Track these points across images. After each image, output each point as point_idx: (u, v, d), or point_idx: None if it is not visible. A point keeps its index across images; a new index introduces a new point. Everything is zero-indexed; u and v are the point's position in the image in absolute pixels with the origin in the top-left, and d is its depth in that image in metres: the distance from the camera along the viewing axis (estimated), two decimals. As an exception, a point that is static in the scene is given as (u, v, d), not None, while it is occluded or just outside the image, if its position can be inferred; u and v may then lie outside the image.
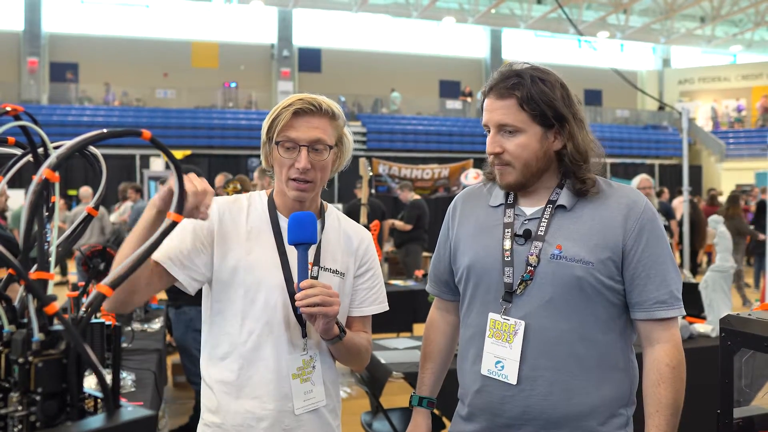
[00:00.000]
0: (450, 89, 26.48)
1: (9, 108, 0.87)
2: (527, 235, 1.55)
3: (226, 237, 1.61)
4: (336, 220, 1.75)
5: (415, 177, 12.11)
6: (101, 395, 0.88)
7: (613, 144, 23.28)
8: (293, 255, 1.58)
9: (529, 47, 26.74)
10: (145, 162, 17.61)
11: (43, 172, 0.84)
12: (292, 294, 1.58)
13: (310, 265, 1.60)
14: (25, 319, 0.86)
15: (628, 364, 1.58)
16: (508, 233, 1.57)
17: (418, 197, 9.25)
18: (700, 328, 3.78)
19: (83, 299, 2.66)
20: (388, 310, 1.78)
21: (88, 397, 0.87)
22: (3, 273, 0.89)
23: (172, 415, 4.59)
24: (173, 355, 5.38)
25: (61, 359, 0.83)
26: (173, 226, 1.01)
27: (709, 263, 10.95)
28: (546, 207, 1.57)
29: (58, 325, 0.86)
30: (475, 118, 23.63)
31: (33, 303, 0.83)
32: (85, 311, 0.90)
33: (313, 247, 1.61)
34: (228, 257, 1.59)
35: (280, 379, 1.59)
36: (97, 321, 0.93)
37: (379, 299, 1.76)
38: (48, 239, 0.91)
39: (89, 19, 23.26)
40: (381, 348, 3.63)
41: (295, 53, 25.24)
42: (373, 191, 9.50)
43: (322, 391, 1.65)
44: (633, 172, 22.81)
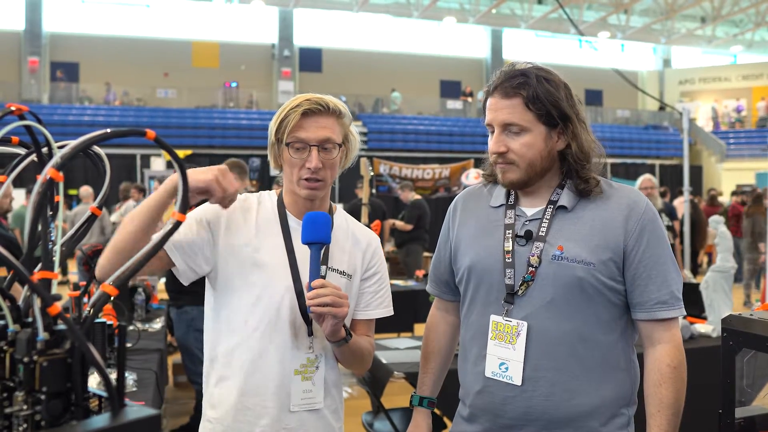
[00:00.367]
0: (451, 89, 26.48)
1: (14, 108, 0.87)
2: (528, 236, 1.55)
3: (234, 233, 1.61)
4: (344, 221, 1.76)
5: (416, 177, 12.12)
6: (105, 394, 0.88)
7: (614, 144, 23.28)
8: (301, 254, 1.58)
9: (530, 47, 26.73)
10: (146, 162, 17.60)
11: (48, 171, 0.84)
12: (299, 293, 1.58)
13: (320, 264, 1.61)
14: (30, 318, 0.87)
15: (629, 364, 1.58)
16: (509, 234, 1.57)
17: (418, 197, 9.25)
18: (700, 328, 3.78)
19: (84, 299, 2.66)
20: (392, 314, 1.78)
21: (92, 397, 0.88)
22: (5, 272, 0.90)
23: (172, 415, 4.59)
24: (174, 355, 5.38)
25: (66, 358, 0.83)
26: (177, 225, 1.02)
27: (710, 263, 10.94)
28: (547, 207, 1.57)
29: (63, 325, 0.86)
30: (476, 118, 23.64)
31: (37, 302, 0.83)
32: (90, 311, 0.90)
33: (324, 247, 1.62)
34: (235, 254, 1.60)
35: (283, 378, 1.59)
36: (99, 320, 0.94)
37: (385, 303, 1.76)
38: (52, 238, 0.91)
39: (90, 19, 23.27)
40: (382, 348, 3.63)
41: (296, 53, 25.24)
42: (374, 191, 9.50)
43: (321, 393, 1.65)
44: (633, 172, 22.84)
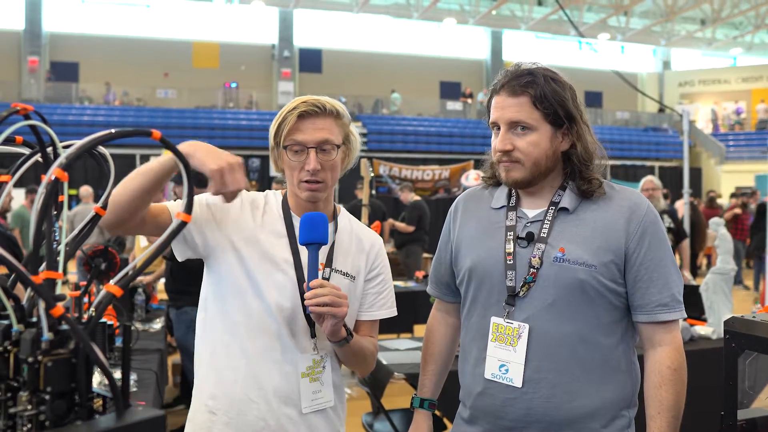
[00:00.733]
0: (450, 90, 26.49)
1: (19, 107, 0.87)
2: (530, 238, 1.55)
3: (241, 228, 1.61)
4: (348, 222, 1.75)
5: (416, 178, 12.13)
6: (109, 395, 0.88)
7: (614, 146, 23.29)
8: (305, 254, 1.58)
9: (530, 49, 26.74)
10: (146, 161, 17.56)
11: (54, 171, 0.84)
12: (302, 294, 1.58)
13: (321, 266, 1.60)
14: (34, 318, 0.87)
15: (630, 366, 1.58)
16: (510, 236, 1.57)
17: (418, 198, 9.26)
18: (700, 330, 3.78)
19: (85, 299, 2.66)
20: (396, 315, 1.78)
21: (96, 397, 0.88)
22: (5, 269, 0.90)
23: (172, 415, 4.59)
24: (174, 355, 5.38)
25: (70, 358, 0.83)
26: (182, 226, 1.02)
27: (709, 266, 10.95)
28: (548, 209, 1.57)
29: (66, 325, 0.86)
30: (476, 119, 23.65)
31: (42, 302, 0.83)
32: (94, 311, 0.90)
33: (326, 248, 1.61)
34: (240, 250, 1.60)
35: (288, 378, 1.59)
36: (100, 321, 0.94)
37: (388, 304, 1.76)
38: (56, 238, 0.91)
39: (90, 19, 23.28)
40: (382, 349, 3.63)
41: (296, 54, 25.25)
42: (374, 192, 9.50)
43: (331, 392, 1.65)
44: (633, 174, 22.86)
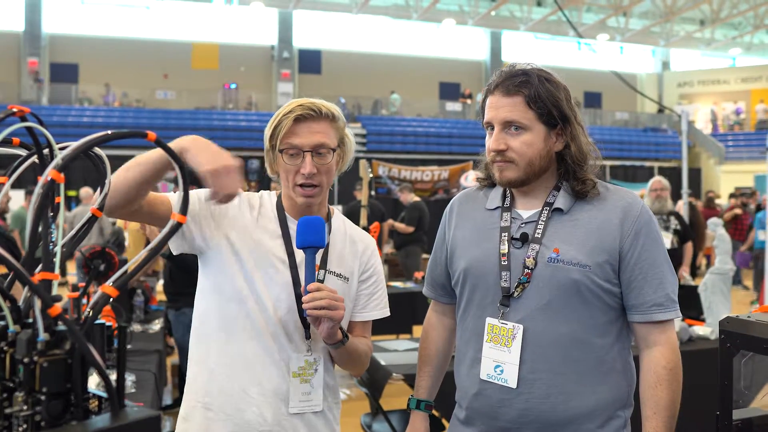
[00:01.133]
0: (450, 91, 26.49)
1: (16, 109, 0.87)
2: (524, 239, 1.55)
3: (239, 227, 1.62)
4: (342, 224, 1.76)
5: (415, 179, 12.14)
6: (105, 395, 0.89)
7: (613, 146, 23.30)
8: (300, 256, 1.59)
9: (529, 49, 26.75)
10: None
11: (50, 172, 0.84)
12: (297, 295, 1.59)
13: (316, 269, 1.61)
14: (30, 319, 0.87)
15: (625, 366, 1.58)
16: (504, 237, 1.57)
17: (418, 199, 9.26)
18: (699, 330, 3.78)
19: (83, 300, 2.66)
20: (389, 315, 1.78)
21: (92, 397, 0.88)
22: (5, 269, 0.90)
23: (173, 416, 4.58)
24: (173, 356, 5.38)
25: (66, 359, 0.83)
26: (177, 227, 1.03)
27: (708, 266, 10.96)
28: (543, 210, 1.57)
29: (63, 326, 0.86)
30: (475, 120, 23.64)
31: (38, 303, 0.83)
32: (90, 312, 0.90)
33: (321, 251, 1.62)
34: (236, 247, 1.60)
35: (282, 376, 1.60)
36: (98, 322, 0.94)
37: (381, 305, 1.77)
38: (53, 240, 0.91)
39: (89, 20, 23.28)
40: (381, 350, 3.63)
41: (296, 55, 25.25)
42: (373, 193, 9.51)
43: (320, 396, 1.65)
44: (632, 174, 22.87)
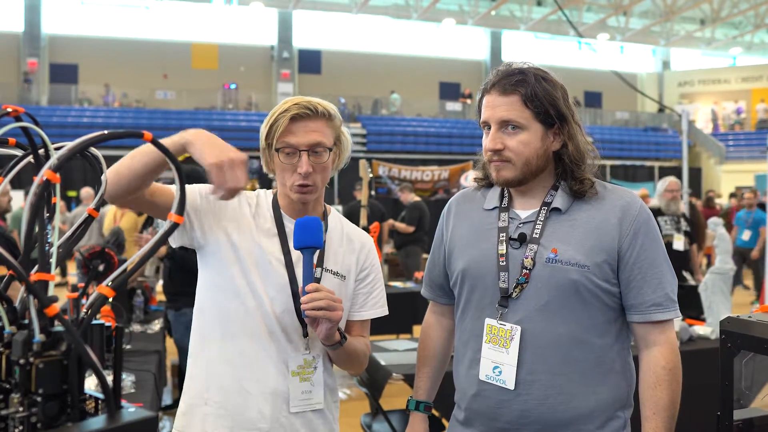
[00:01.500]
0: (450, 91, 26.50)
1: (10, 109, 0.87)
2: (522, 239, 1.55)
3: (238, 224, 1.62)
4: (338, 222, 1.76)
5: (415, 179, 12.14)
6: (102, 396, 0.88)
7: (613, 146, 23.31)
8: (297, 255, 1.59)
9: (529, 49, 26.76)
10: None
11: (45, 173, 0.84)
12: (295, 294, 1.59)
13: (314, 268, 1.61)
14: (26, 320, 0.87)
15: (625, 366, 1.58)
16: (502, 237, 1.57)
17: (418, 199, 9.26)
18: (699, 330, 3.78)
19: (83, 300, 2.66)
20: (387, 314, 1.78)
21: (88, 398, 0.88)
22: (3, 271, 0.89)
23: (173, 416, 4.58)
24: (172, 357, 5.37)
25: (62, 360, 0.83)
26: (174, 227, 1.02)
27: (709, 265, 10.94)
28: (540, 209, 1.56)
29: (59, 326, 0.86)
30: (475, 119, 23.61)
31: (34, 304, 0.83)
32: (86, 313, 0.90)
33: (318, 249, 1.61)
34: (235, 243, 1.60)
35: (279, 376, 1.60)
36: (97, 322, 0.94)
37: (379, 303, 1.76)
38: (49, 240, 0.91)
39: (89, 21, 23.29)
40: (381, 350, 3.62)
41: (295, 55, 25.26)
42: (373, 193, 9.51)
43: (321, 394, 1.65)
44: (632, 174, 22.88)
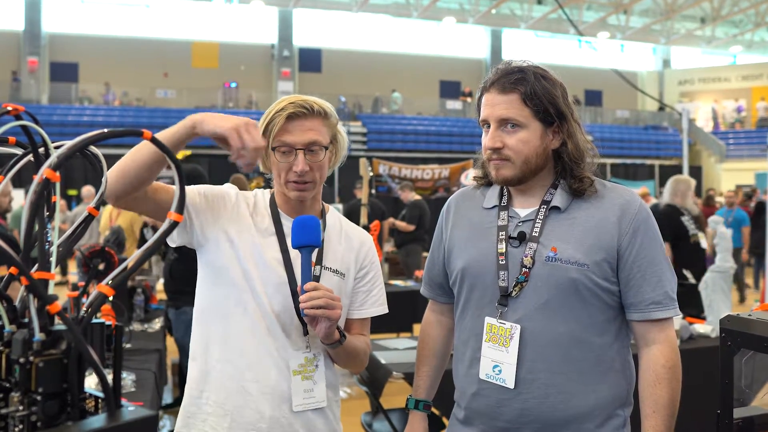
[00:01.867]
0: (450, 89, 26.49)
1: (10, 107, 0.87)
2: (521, 238, 1.54)
3: (237, 224, 1.62)
4: (337, 221, 1.76)
5: (416, 177, 12.12)
6: (102, 395, 0.88)
7: (614, 144, 23.30)
8: (295, 253, 1.59)
9: (530, 47, 26.75)
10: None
11: (44, 171, 0.84)
12: (294, 293, 1.59)
13: (311, 265, 1.61)
14: (26, 319, 0.87)
15: (624, 365, 1.58)
16: (502, 236, 1.57)
17: (418, 197, 9.25)
18: (699, 328, 3.78)
19: (83, 299, 2.66)
20: (387, 312, 1.78)
21: (88, 397, 0.88)
22: (3, 271, 0.90)
23: (174, 415, 4.58)
24: (173, 356, 5.38)
25: (62, 359, 0.83)
26: (174, 226, 1.02)
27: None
28: (540, 208, 1.56)
29: (58, 325, 0.86)
30: (476, 118, 23.62)
31: (34, 303, 0.83)
32: (86, 311, 0.90)
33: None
34: (236, 245, 1.60)
35: (280, 375, 1.60)
36: (97, 321, 0.94)
37: (379, 301, 1.76)
38: (49, 239, 0.91)
39: (89, 19, 23.30)
40: (381, 348, 3.63)
41: (296, 53, 25.26)
42: (373, 191, 9.50)
43: (323, 391, 1.65)
44: (633, 172, 22.86)
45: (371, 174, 8.51)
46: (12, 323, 0.86)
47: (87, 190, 9.64)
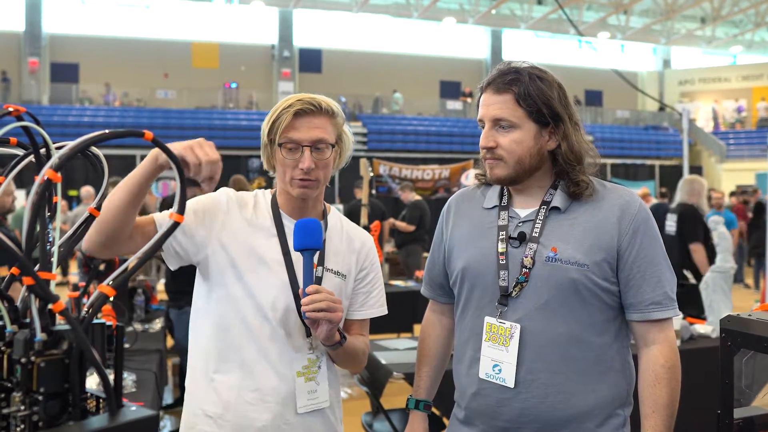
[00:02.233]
0: (450, 90, 26.49)
1: (12, 108, 0.87)
2: (522, 238, 1.55)
3: (231, 229, 1.61)
4: (338, 221, 1.76)
5: (416, 177, 12.14)
6: (103, 395, 0.88)
7: (614, 145, 23.31)
8: (296, 254, 1.59)
9: (530, 48, 26.75)
10: (146, 162, 17.59)
11: (46, 172, 0.84)
12: (296, 294, 1.59)
13: (314, 268, 1.61)
14: (28, 320, 0.87)
15: (624, 365, 1.58)
16: (502, 236, 1.57)
17: (419, 198, 9.26)
18: (700, 328, 3.78)
19: (84, 300, 2.66)
20: (386, 313, 1.78)
21: (90, 397, 0.88)
22: (4, 272, 0.90)
23: (174, 415, 4.58)
24: (174, 356, 5.37)
25: (64, 359, 0.83)
26: (175, 226, 1.02)
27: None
28: (540, 208, 1.57)
29: (60, 325, 0.86)
30: (476, 118, 23.63)
31: (35, 303, 0.83)
32: (87, 312, 0.90)
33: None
34: (230, 252, 1.60)
35: (283, 379, 1.59)
36: (98, 321, 0.94)
37: (379, 303, 1.77)
38: (50, 239, 0.91)
39: (90, 20, 23.30)
40: (381, 348, 3.63)
41: (296, 54, 25.26)
42: (374, 192, 9.50)
43: (326, 392, 1.65)
44: (633, 173, 22.87)
45: (371, 174, 8.52)
46: (13, 323, 0.87)
47: (86, 190, 9.61)
